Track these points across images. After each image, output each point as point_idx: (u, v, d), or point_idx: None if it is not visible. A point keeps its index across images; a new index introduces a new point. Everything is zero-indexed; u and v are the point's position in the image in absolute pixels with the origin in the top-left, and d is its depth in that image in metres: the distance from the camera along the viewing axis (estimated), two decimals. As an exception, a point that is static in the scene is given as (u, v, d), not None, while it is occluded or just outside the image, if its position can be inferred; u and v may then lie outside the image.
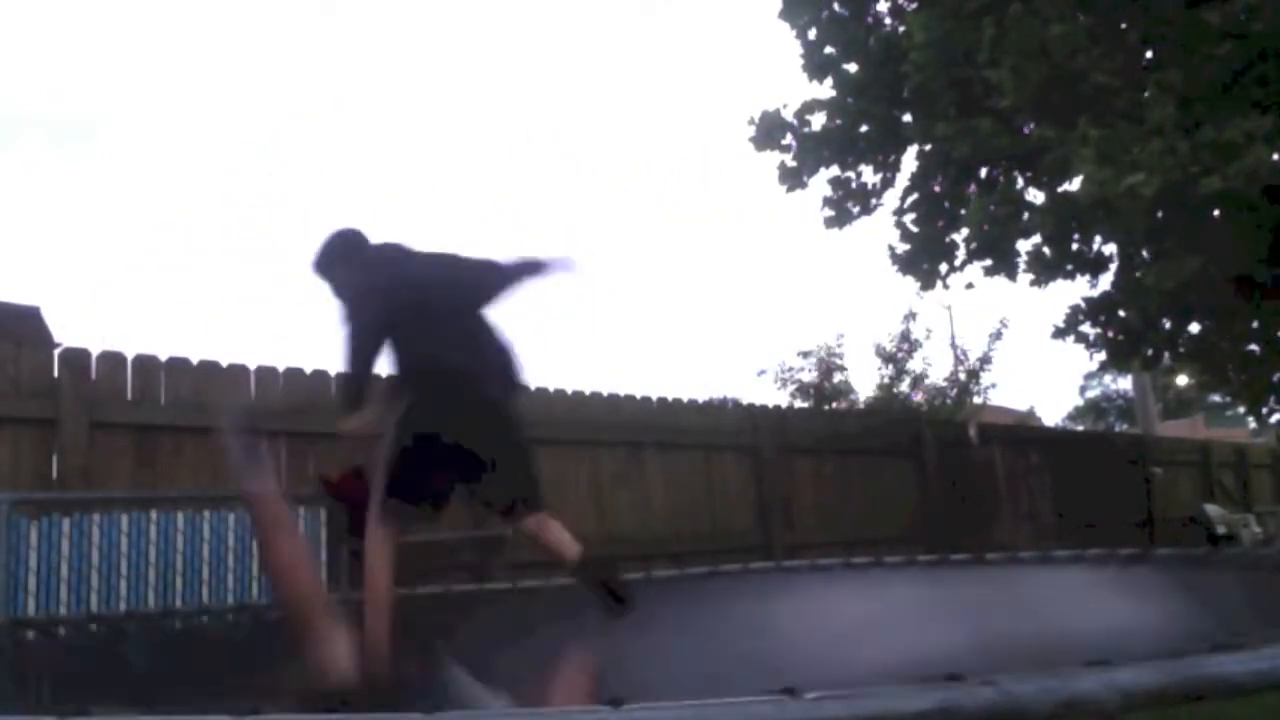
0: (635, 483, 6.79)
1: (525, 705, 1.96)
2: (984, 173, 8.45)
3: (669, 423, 7.14)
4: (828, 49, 8.42)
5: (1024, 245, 8.10)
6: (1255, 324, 8.04)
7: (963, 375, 12.40)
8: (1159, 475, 11.35)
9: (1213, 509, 11.47)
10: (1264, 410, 9.54)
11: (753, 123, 8.58)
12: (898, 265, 8.68)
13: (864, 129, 8.49)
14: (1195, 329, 8.45)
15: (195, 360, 5.02)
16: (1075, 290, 23.43)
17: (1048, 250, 7.85)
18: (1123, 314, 8.10)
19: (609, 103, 59.13)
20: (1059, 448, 10.59)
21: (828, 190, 8.83)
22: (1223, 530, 10.90)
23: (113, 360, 4.78)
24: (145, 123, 55.89)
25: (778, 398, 11.46)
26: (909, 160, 8.70)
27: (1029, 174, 8.17)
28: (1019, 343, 38.90)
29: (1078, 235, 7.85)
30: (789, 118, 8.59)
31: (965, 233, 8.17)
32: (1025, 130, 7.36)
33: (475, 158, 60.27)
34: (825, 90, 8.56)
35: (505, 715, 1.25)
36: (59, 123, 52.53)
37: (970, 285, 9.14)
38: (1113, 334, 8.24)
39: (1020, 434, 11.59)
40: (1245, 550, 8.30)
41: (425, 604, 3.16)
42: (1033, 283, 8.07)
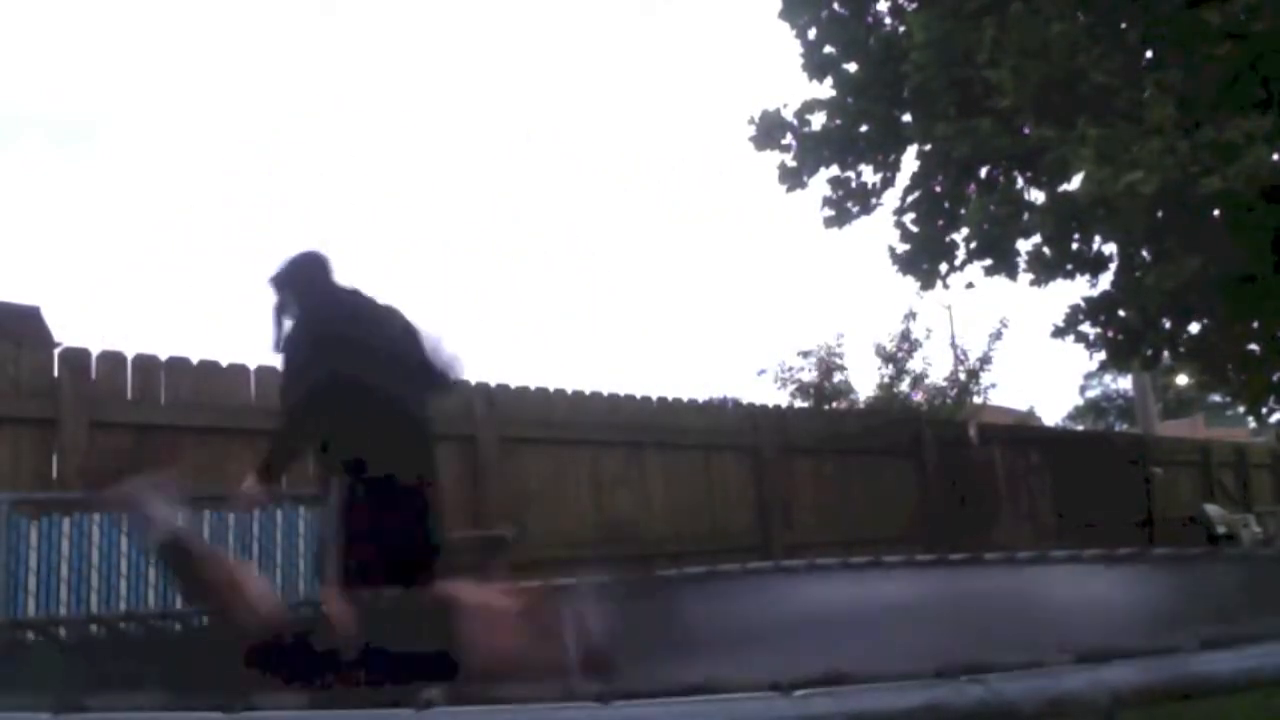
0: (635, 483, 6.79)
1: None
2: (984, 173, 8.46)
3: (669, 423, 7.15)
4: (828, 49, 8.43)
5: (1024, 245, 8.12)
6: (1255, 324, 8.05)
7: (963, 375, 12.39)
8: (1159, 475, 11.35)
9: (1213, 509, 11.47)
10: (1264, 410, 9.56)
11: (753, 123, 8.59)
12: (898, 265, 8.68)
13: (864, 129, 8.50)
14: (1195, 329, 8.45)
15: (195, 360, 5.03)
16: (1075, 290, 23.41)
17: (1048, 250, 7.85)
18: (1123, 314, 8.10)
19: (609, 102, 59.18)
20: (1059, 448, 10.60)
21: (828, 190, 8.84)
22: (1223, 530, 10.91)
23: (113, 360, 4.79)
24: (145, 123, 55.95)
25: (778, 398, 11.44)
26: (909, 160, 8.72)
27: (1029, 174, 8.17)
28: (1019, 343, 38.74)
29: (1078, 235, 7.85)
30: (789, 117, 8.60)
31: (965, 233, 8.18)
32: (1025, 130, 7.36)
33: (475, 158, 60.31)
34: (825, 90, 8.58)
35: (503, 713, 1.24)
36: (59, 123, 52.58)
37: (970, 285, 9.15)
38: (1113, 334, 8.24)
39: (1020, 434, 11.58)
40: (1245, 550, 8.30)
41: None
42: (1033, 283, 8.08)
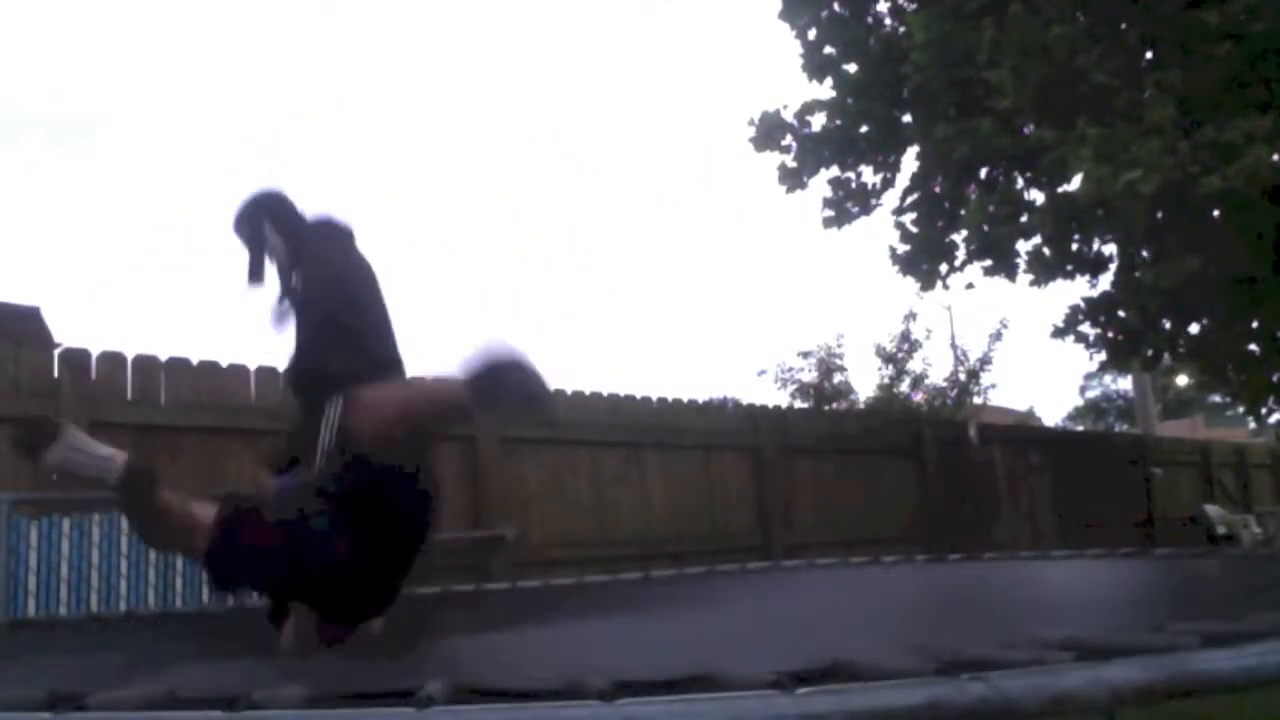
0: (635, 483, 6.79)
1: None
2: (984, 173, 8.46)
3: (669, 423, 7.15)
4: (828, 49, 8.43)
5: (1024, 245, 8.11)
6: (1255, 324, 8.04)
7: (963, 375, 12.39)
8: (1159, 475, 11.35)
9: (1213, 509, 11.47)
10: (1264, 410, 9.55)
11: (753, 123, 8.59)
12: (898, 265, 8.69)
13: (864, 129, 8.50)
14: (1195, 329, 8.45)
15: (195, 360, 5.03)
16: (1075, 290, 23.44)
17: (1048, 250, 7.85)
18: (1123, 314, 8.10)
19: (609, 103, 59.23)
20: (1059, 448, 10.59)
21: (827, 190, 8.85)
22: (1223, 530, 10.91)
23: (113, 360, 4.79)
24: (145, 123, 55.98)
25: (778, 398, 11.45)
26: (909, 160, 8.72)
27: (1029, 174, 8.17)
28: (1019, 343, 38.90)
29: (1077, 235, 7.85)
30: (789, 118, 8.61)
31: (965, 233, 8.18)
32: (1025, 130, 7.36)
33: (476, 158, 60.31)
34: (825, 90, 8.58)
35: (504, 711, 1.24)
36: (59, 123, 52.62)
37: (970, 285, 9.18)
38: (1113, 334, 8.24)
39: (1020, 434, 11.58)
40: (1245, 550, 8.30)
41: (426, 603, 3.17)
42: (1033, 283, 8.07)
